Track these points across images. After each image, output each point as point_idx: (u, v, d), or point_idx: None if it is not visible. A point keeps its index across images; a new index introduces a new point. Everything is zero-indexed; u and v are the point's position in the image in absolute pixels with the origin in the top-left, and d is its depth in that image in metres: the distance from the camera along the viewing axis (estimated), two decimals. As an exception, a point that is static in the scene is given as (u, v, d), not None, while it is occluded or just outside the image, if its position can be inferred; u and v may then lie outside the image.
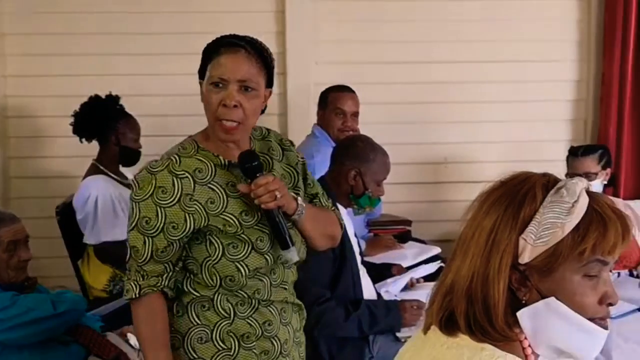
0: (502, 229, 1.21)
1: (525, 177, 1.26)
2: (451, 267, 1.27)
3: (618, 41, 4.03)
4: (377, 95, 3.95)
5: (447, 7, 4.05)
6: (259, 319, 1.98)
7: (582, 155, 3.70)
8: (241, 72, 1.88)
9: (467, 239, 1.25)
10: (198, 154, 1.93)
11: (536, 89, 4.13)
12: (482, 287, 1.21)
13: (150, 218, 1.88)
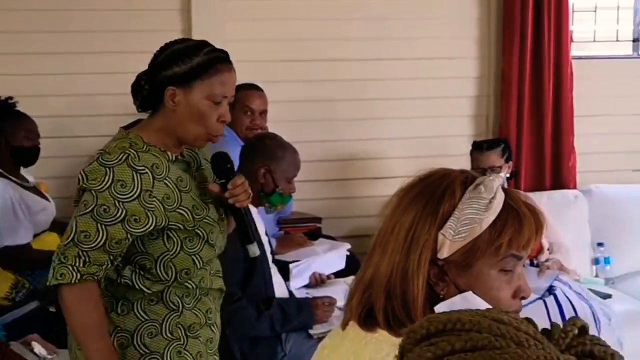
0: (422, 225, 1.23)
1: (444, 173, 1.28)
2: (370, 262, 1.27)
3: (517, 39, 4.14)
4: (285, 94, 3.96)
5: (352, 6, 4.09)
6: (202, 309, 2.02)
7: (487, 150, 3.80)
8: (234, 91, 1.98)
9: (387, 235, 1.26)
10: (151, 150, 1.95)
11: (439, 86, 4.21)
12: (402, 282, 1.22)
13: (109, 207, 1.86)
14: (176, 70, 1.94)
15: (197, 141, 1.99)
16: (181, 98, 1.94)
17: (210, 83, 1.93)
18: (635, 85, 4.47)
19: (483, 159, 3.80)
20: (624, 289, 3.96)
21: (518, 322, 0.71)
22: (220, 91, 1.94)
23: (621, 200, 4.23)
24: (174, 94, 1.95)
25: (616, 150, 4.47)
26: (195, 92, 1.94)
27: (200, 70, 1.94)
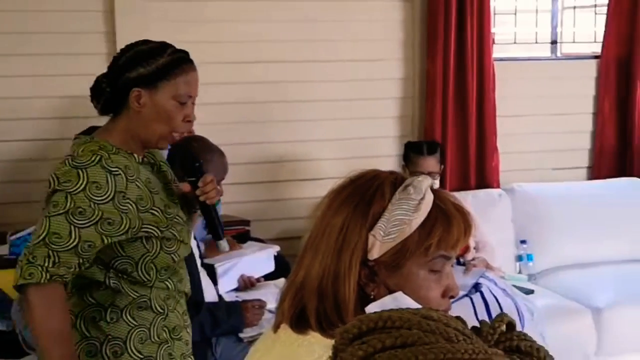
0: (352, 226, 1.23)
1: (374, 174, 1.28)
2: (302, 264, 1.27)
3: (440, 41, 4.21)
4: (212, 96, 3.91)
5: (279, 8, 4.08)
6: (180, 311, 2.04)
7: (428, 154, 3.82)
8: (197, 89, 1.99)
9: (318, 237, 1.26)
10: (120, 152, 1.94)
11: (365, 87, 4.25)
12: (333, 283, 1.22)
13: (85, 209, 1.82)
14: (141, 71, 1.94)
15: (160, 141, 1.99)
16: (146, 99, 1.94)
17: (176, 83, 1.95)
18: (554, 86, 4.60)
19: (423, 162, 3.79)
20: (546, 284, 4.07)
21: (447, 319, 0.72)
22: (185, 91, 1.96)
23: (542, 198, 4.35)
24: (139, 95, 1.94)
25: (537, 149, 4.59)
26: (161, 93, 1.94)
27: (165, 70, 1.95)
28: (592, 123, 4.69)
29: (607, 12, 4.60)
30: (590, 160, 4.73)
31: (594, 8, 4.81)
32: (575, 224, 4.28)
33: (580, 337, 3.71)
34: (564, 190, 4.44)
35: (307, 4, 4.13)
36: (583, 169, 4.74)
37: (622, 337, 3.74)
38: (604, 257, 4.30)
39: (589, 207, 4.37)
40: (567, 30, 4.77)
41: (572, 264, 4.24)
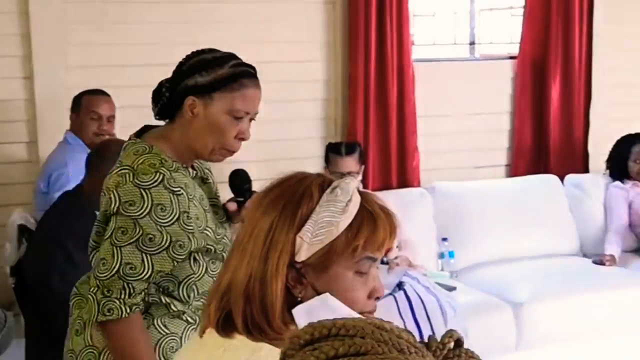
0: (280, 228, 1.23)
1: (302, 177, 1.29)
2: (228, 267, 1.27)
3: (361, 43, 4.25)
4: (133, 99, 3.86)
5: (199, 10, 4.05)
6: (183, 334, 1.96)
7: (346, 154, 3.88)
8: (257, 107, 1.88)
9: (245, 239, 1.25)
10: (179, 168, 1.87)
11: (288, 89, 4.25)
12: (260, 286, 1.22)
13: (154, 235, 1.76)
14: (198, 79, 1.87)
15: (212, 155, 1.90)
16: (200, 109, 1.86)
17: (232, 96, 1.86)
18: (472, 86, 4.69)
19: (342, 162, 3.87)
20: (467, 280, 4.15)
21: (399, 330, 0.73)
22: (241, 106, 1.86)
23: (462, 196, 4.43)
24: (193, 104, 1.87)
25: (456, 148, 4.68)
26: (215, 104, 1.86)
27: (223, 82, 1.87)
28: (509, 122, 4.81)
29: (523, 14, 4.73)
30: (508, 158, 4.86)
31: (510, 10, 4.94)
32: (494, 221, 4.39)
33: (501, 331, 3.79)
34: (484, 188, 4.54)
35: (229, 6, 4.11)
36: (502, 167, 4.86)
37: (540, 330, 3.86)
38: (523, 253, 4.41)
39: (507, 204, 4.48)
40: (484, 31, 4.88)
41: (492, 260, 4.33)
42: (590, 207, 4.66)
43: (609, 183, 4.68)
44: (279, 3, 4.21)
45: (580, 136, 4.83)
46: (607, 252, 4.43)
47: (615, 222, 4.55)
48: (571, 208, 4.66)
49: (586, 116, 4.83)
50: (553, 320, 3.88)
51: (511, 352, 3.83)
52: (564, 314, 3.91)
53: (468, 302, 3.75)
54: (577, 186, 4.70)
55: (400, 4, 4.31)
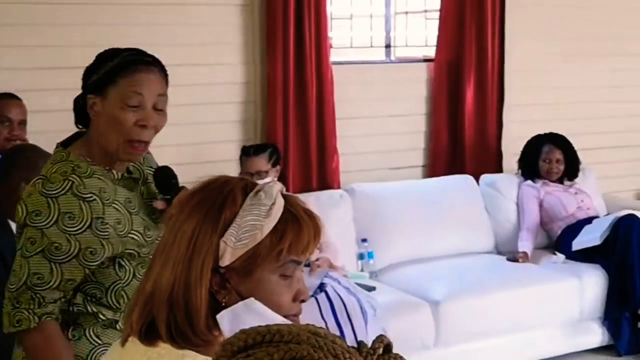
0: (203, 233, 1.22)
1: (224, 180, 1.27)
2: (151, 274, 1.25)
3: (280, 45, 4.25)
4: (45, 103, 3.77)
5: (115, 12, 3.98)
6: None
7: (254, 154, 3.90)
8: (159, 89, 1.80)
9: (168, 245, 1.24)
10: (95, 172, 1.81)
11: (206, 92, 4.22)
12: (184, 292, 1.20)
13: (61, 243, 1.71)
14: (93, 77, 1.83)
15: (120, 152, 1.83)
16: (99, 106, 1.81)
17: (124, 85, 1.80)
18: (388, 89, 4.76)
19: (250, 163, 3.90)
20: (386, 280, 4.20)
21: (333, 337, 0.74)
22: (132, 93, 1.80)
23: (381, 197, 4.49)
24: (94, 102, 1.82)
25: (375, 150, 4.74)
26: (110, 98, 1.80)
27: (113, 73, 1.81)
28: (425, 124, 4.90)
29: (439, 17, 4.83)
30: (425, 159, 4.95)
31: (425, 13, 5.03)
32: (412, 221, 4.46)
33: (420, 329, 3.86)
34: (402, 189, 4.61)
35: (146, 8, 4.05)
36: (419, 168, 4.94)
37: (458, 327, 3.94)
38: (440, 252, 4.51)
39: (425, 204, 4.57)
40: (400, 34, 4.95)
41: (411, 259, 4.41)
42: (504, 206, 4.80)
43: (521, 182, 4.83)
44: (197, 5, 4.18)
45: (494, 137, 4.96)
46: (520, 249, 4.56)
47: (528, 220, 4.69)
48: (486, 207, 4.79)
49: (499, 117, 4.97)
50: (470, 317, 3.97)
51: (430, 349, 3.90)
52: (480, 311, 4.00)
53: (388, 302, 3.81)
54: (492, 185, 4.83)
55: (318, 7, 4.34)
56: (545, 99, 5.19)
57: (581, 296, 4.28)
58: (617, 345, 4.32)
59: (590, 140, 5.29)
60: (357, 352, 0.75)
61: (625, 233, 4.30)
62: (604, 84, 5.38)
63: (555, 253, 4.58)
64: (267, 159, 3.92)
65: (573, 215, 4.68)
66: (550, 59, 5.17)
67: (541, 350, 4.22)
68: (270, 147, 4.01)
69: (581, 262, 4.44)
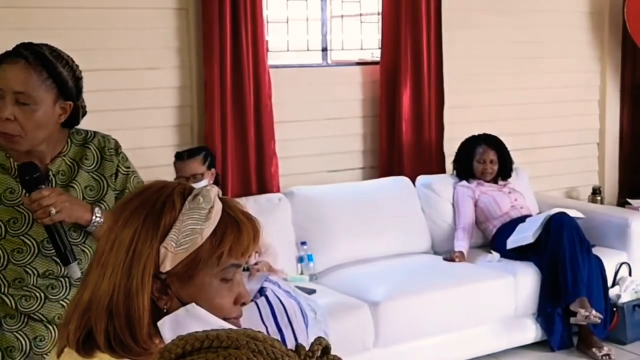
0: (143, 239, 1.21)
1: (162, 185, 1.27)
2: (87, 283, 1.23)
3: (216, 49, 4.23)
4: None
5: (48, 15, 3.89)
6: (27, 334, 1.92)
7: (188, 158, 3.88)
8: (16, 83, 1.80)
9: (105, 253, 1.22)
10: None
11: (141, 97, 4.17)
12: (125, 300, 1.19)
13: None
14: None
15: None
16: None
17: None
18: (326, 91, 4.79)
19: (184, 167, 3.87)
20: (326, 282, 4.22)
21: (272, 340, 0.75)
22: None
23: (319, 200, 4.50)
24: None
25: (313, 153, 4.76)
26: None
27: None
28: (361, 126, 4.94)
29: (379, 21, 4.89)
30: (363, 162, 4.99)
31: (360, 17, 5.08)
32: (351, 223, 4.49)
33: (360, 330, 3.89)
34: (340, 192, 4.64)
35: (82, 11, 3.98)
36: (357, 170, 4.98)
37: (397, 327, 3.98)
38: (378, 253, 4.55)
39: (362, 206, 4.60)
40: (336, 38, 4.99)
41: (350, 261, 4.44)
42: (440, 206, 4.87)
43: (456, 183, 4.91)
44: (132, 9, 4.13)
45: (433, 138, 5.03)
46: (456, 249, 4.64)
47: (463, 219, 4.77)
48: (422, 208, 4.85)
49: (439, 119, 5.04)
50: (409, 317, 4.02)
51: (370, 349, 3.93)
52: (418, 310, 4.05)
53: (328, 304, 3.82)
54: (427, 186, 4.90)
55: (254, 10, 4.33)
56: (480, 100, 5.29)
57: (516, 293, 4.38)
58: (550, 340, 4.43)
59: (523, 141, 5.42)
60: (296, 354, 0.76)
61: (556, 231, 4.41)
62: (536, 85, 5.51)
63: (491, 252, 4.67)
64: (201, 161, 3.89)
65: (507, 214, 4.78)
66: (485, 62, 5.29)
67: (478, 347, 4.30)
68: (203, 150, 3.98)
69: (515, 260, 4.53)
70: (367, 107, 4.95)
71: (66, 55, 1.97)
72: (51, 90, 1.89)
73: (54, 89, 1.89)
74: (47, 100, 1.89)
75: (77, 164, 2.01)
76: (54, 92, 1.89)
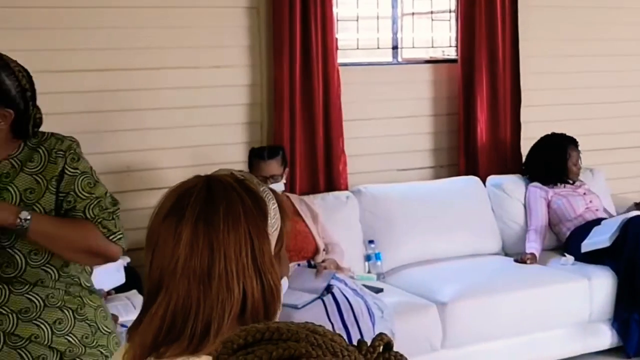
0: (257, 233, 1.24)
1: (220, 180, 1.27)
2: (227, 295, 1.20)
3: (286, 48, 4.25)
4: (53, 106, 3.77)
5: (123, 14, 3.99)
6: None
7: (269, 158, 3.89)
8: None
9: (210, 266, 1.19)
10: None
11: (214, 94, 4.22)
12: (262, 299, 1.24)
13: None
14: None
15: None
16: None
17: None
18: (395, 90, 4.76)
19: (265, 167, 3.87)
20: (393, 282, 4.20)
21: (331, 334, 0.74)
22: None
23: (388, 198, 4.48)
24: None
25: (381, 151, 4.74)
26: None
27: None
28: (431, 124, 4.89)
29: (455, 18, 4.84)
30: (433, 160, 4.94)
31: (431, 15, 5.03)
32: (419, 223, 4.45)
33: (427, 330, 3.85)
34: (408, 190, 4.60)
35: (153, 10, 4.06)
36: (426, 169, 4.93)
37: (465, 328, 3.93)
38: (447, 253, 4.49)
39: (432, 205, 4.56)
40: (406, 36, 4.94)
41: (417, 261, 4.40)
42: (511, 207, 4.78)
43: (528, 183, 4.81)
44: (203, 8, 4.18)
45: (507, 138, 4.94)
46: (527, 250, 4.54)
47: (535, 221, 4.67)
48: (493, 208, 4.77)
49: (515, 118, 4.94)
50: (477, 319, 3.96)
51: (437, 350, 3.89)
52: (487, 312, 3.99)
53: (395, 303, 3.80)
54: (498, 187, 4.81)
55: (324, 9, 4.34)
56: (558, 99, 5.18)
57: (590, 298, 4.26)
58: (626, 346, 4.30)
59: (601, 141, 5.28)
60: (357, 350, 0.75)
61: (635, 234, 4.28)
62: (615, 84, 5.36)
63: (564, 254, 4.56)
64: (279, 162, 3.92)
65: (582, 217, 4.66)
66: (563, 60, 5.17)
67: (549, 352, 4.20)
68: (281, 150, 4.01)
69: (590, 264, 4.41)
70: (438, 105, 4.90)
71: (15, 65, 1.97)
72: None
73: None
74: None
75: (20, 167, 2.02)
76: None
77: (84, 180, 2.04)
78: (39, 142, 2.04)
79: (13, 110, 1.96)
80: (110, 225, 2.08)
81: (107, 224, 2.07)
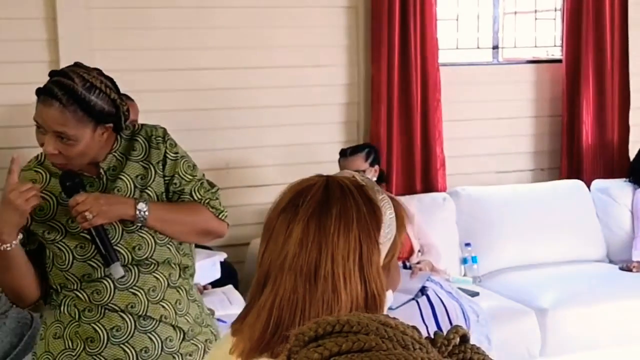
0: (366, 240, 1.22)
1: (338, 182, 1.25)
2: (337, 300, 1.21)
3: (384, 47, 4.24)
4: (159, 103, 3.89)
5: (219, 15, 4.07)
6: (106, 325, 2.03)
7: (351, 154, 3.91)
8: (54, 125, 1.92)
9: (317, 267, 1.20)
10: (38, 167, 2.07)
11: (310, 93, 4.26)
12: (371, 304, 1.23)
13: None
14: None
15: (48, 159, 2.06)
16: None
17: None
18: (496, 90, 4.67)
19: (347, 163, 3.90)
20: (490, 286, 4.12)
21: (404, 327, 0.73)
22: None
23: (486, 201, 4.41)
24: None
25: (480, 153, 4.66)
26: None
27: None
28: (533, 126, 4.78)
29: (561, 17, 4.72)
30: (534, 163, 4.82)
31: (535, 14, 4.91)
32: (518, 226, 4.35)
33: (525, 337, 3.76)
34: (508, 193, 4.51)
35: (252, 10, 4.12)
36: (527, 172, 4.82)
37: (565, 336, 3.82)
38: (547, 259, 4.38)
39: (531, 209, 4.45)
40: (507, 35, 4.85)
41: (515, 265, 4.30)
42: (617, 213, 4.61)
43: (636, 188, 4.63)
44: (302, 8, 4.22)
45: (614, 140, 4.78)
46: (634, 258, 4.38)
47: (643, 228, 4.50)
48: (597, 214, 4.62)
49: (622, 120, 4.78)
50: (578, 327, 3.84)
51: (535, 358, 3.79)
52: (589, 321, 3.86)
53: (491, 308, 3.72)
54: (604, 192, 4.65)
55: (424, 8, 4.30)
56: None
57: (700, 309, 4.06)
58: None
59: None
60: (432, 343, 0.74)
61: None
62: None
63: (673, 263, 4.37)
64: (364, 158, 3.92)
65: (692, 224, 4.45)
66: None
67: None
68: (367, 147, 4.01)
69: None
70: (540, 106, 4.78)
71: (99, 82, 1.97)
72: (88, 123, 1.95)
73: (91, 121, 1.96)
74: (86, 133, 1.96)
75: (125, 157, 2.09)
76: (91, 124, 1.96)
77: (184, 164, 2.13)
78: (132, 133, 2.12)
79: (112, 123, 2.04)
80: (217, 204, 2.16)
81: (214, 203, 2.15)
